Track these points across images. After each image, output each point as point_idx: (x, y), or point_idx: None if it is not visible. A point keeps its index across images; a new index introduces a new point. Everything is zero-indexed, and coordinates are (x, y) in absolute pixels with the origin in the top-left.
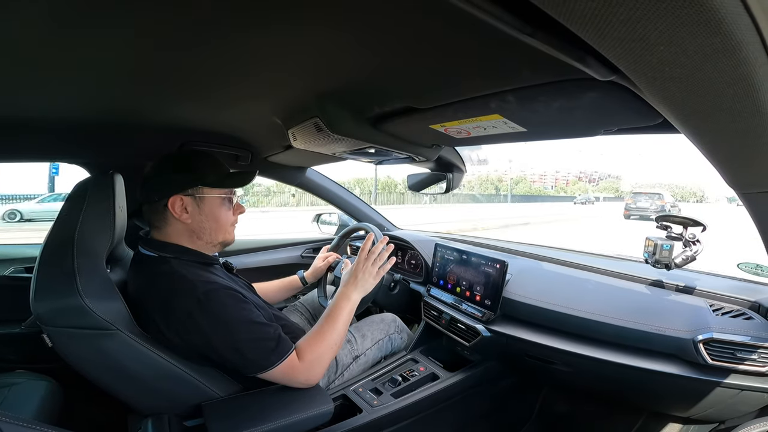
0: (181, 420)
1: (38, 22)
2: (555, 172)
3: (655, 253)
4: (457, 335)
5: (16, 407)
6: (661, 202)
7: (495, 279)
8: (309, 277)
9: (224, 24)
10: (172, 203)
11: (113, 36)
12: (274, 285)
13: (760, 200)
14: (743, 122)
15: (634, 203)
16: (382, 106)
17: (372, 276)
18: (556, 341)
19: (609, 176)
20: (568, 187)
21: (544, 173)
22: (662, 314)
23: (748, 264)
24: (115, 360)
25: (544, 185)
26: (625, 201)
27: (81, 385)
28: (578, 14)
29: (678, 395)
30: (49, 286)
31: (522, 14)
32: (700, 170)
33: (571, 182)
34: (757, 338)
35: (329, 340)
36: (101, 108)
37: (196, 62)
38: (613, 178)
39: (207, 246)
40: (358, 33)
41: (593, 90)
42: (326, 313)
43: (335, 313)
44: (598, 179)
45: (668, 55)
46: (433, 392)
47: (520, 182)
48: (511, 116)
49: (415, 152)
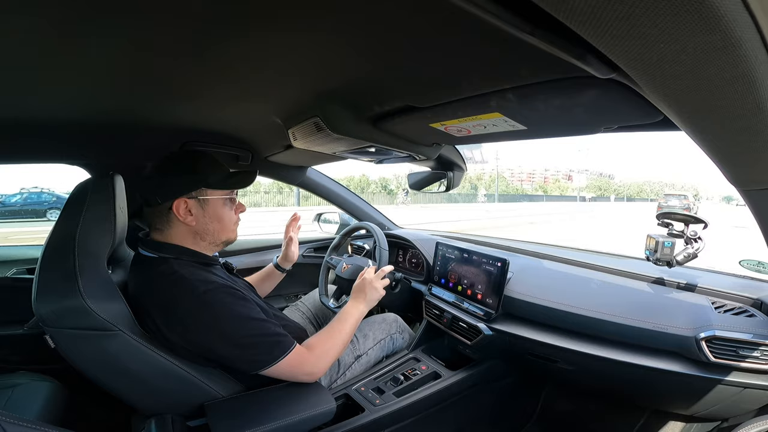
0: (184, 420)
1: (39, 23)
2: (544, 170)
3: (656, 251)
4: (459, 334)
5: (19, 408)
6: (686, 201)
7: (496, 277)
8: (282, 261)
9: (225, 25)
10: (176, 206)
11: (114, 37)
12: (254, 279)
13: (761, 197)
14: (744, 119)
15: (666, 202)
16: (383, 105)
17: (378, 292)
18: (558, 339)
19: (601, 174)
20: (547, 185)
21: (533, 171)
22: (664, 312)
23: (750, 261)
24: (117, 361)
25: (528, 184)
26: (659, 200)
27: (84, 386)
28: (577, 12)
29: (680, 393)
30: (50, 287)
31: (521, 12)
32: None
33: (551, 180)
34: (760, 336)
35: (337, 338)
36: (101, 109)
37: (197, 63)
38: (606, 176)
39: (209, 246)
40: (357, 32)
41: (593, 88)
42: (337, 317)
43: (344, 318)
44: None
45: (668, 52)
46: (435, 391)
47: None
48: (511, 114)
49: (415, 151)
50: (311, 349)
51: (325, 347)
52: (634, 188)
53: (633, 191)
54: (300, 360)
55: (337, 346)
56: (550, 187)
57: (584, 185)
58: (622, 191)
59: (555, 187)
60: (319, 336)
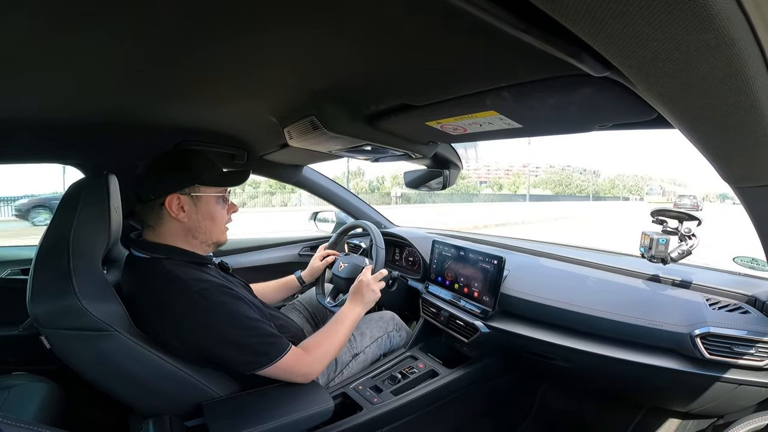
0: (181, 420)
1: (33, 23)
2: (522, 166)
3: (651, 248)
4: (456, 332)
5: (16, 410)
6: (695, 200)
7: (493, 275)
8: (306, 276)
9: (220, 24)
10: (169, 202)
11: (109, 37)
12: (271, 285)
13: (755, 194)
14: (737, 117)
15: (680, 201)
16: (378, 104)
17: (375, 294)
18: (555, 337)
19: (585, 171)
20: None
21: (510, 167)
22: (659, 309)
23: (744, 258)
24: (113, 361)
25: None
26: (674, 200)
27: (81, 387)
28: (572, 10)
29: (676, 390)
30: (45, 288)
31: (516, 10)
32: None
33: (515, 174)
34: (755, 332)
35: (334, 340)
36: (96, 109)
37: (192, 62)
38: (590, 173)
39: (201, 246)
40: (353, 31)
41: (588, 86)
42: (334, 318)
43: (341, 319)
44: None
45: (662, 50)
46: (432, 389)
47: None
48: (506, 112)
49: (411, 149)
50: (308, 351)
51: (321, 349)
52: (606, 184)
53: (605, 187)
54: (296, 361)
55: (334, 347)
56: (506, 183)
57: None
58: (588, 188)
59: (510, 184)
60: (315, 337)
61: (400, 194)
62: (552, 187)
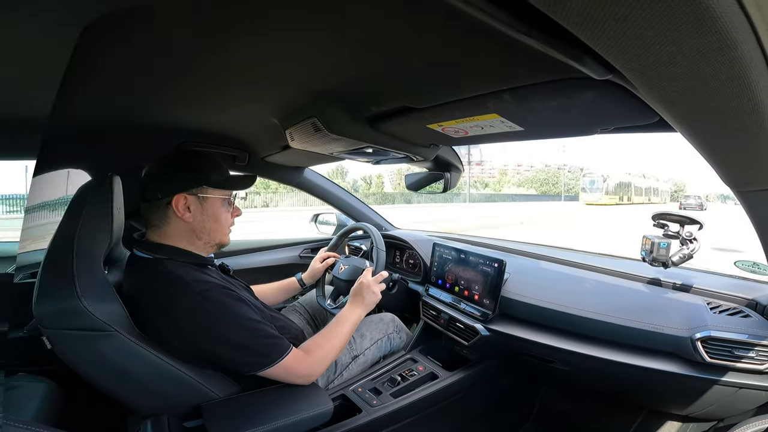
0: (180, 421)
1: (37, 23)
2: (517, 165)
3: (652, 252)
4: (456, 334)
5: (15, 410)
6: (700, 200)
7: (493, 278)
8: (307, 278)
9: (223, 27)
10: (176, 201)
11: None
12: (272, 287)
13: (757, 198)
14: (740, 120)
15: (686, 200)
16: (380, 106)
17: (376, 296)
18: (555, 340)
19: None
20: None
21: (505, 166)
22: (660, 312)
23: (745, 262)
24: (113, 361)
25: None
26: (680, 200)
27: (81, 387)
28: (574, 13)
29: (676, 393)
30: (49, 289)
31: (518, 13)
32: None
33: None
34: (755, 336)
35: (335, 341)
36: (100, 110)
37: (196, 65)
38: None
39: (204, 247)
40: (355, 33)
41: (590, 89)
42: (335, 320)
43: (342, 321)
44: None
45: (664, 53)
46: (432, 392)
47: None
48: (508, 115)
49: (412, 152)
50: (308, 353)
51: (322, 351)
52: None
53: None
54: (297, 363)
55: (334, 349)
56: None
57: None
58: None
59: (496, 183)
60: (316, 339)
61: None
62: (537, 186)
